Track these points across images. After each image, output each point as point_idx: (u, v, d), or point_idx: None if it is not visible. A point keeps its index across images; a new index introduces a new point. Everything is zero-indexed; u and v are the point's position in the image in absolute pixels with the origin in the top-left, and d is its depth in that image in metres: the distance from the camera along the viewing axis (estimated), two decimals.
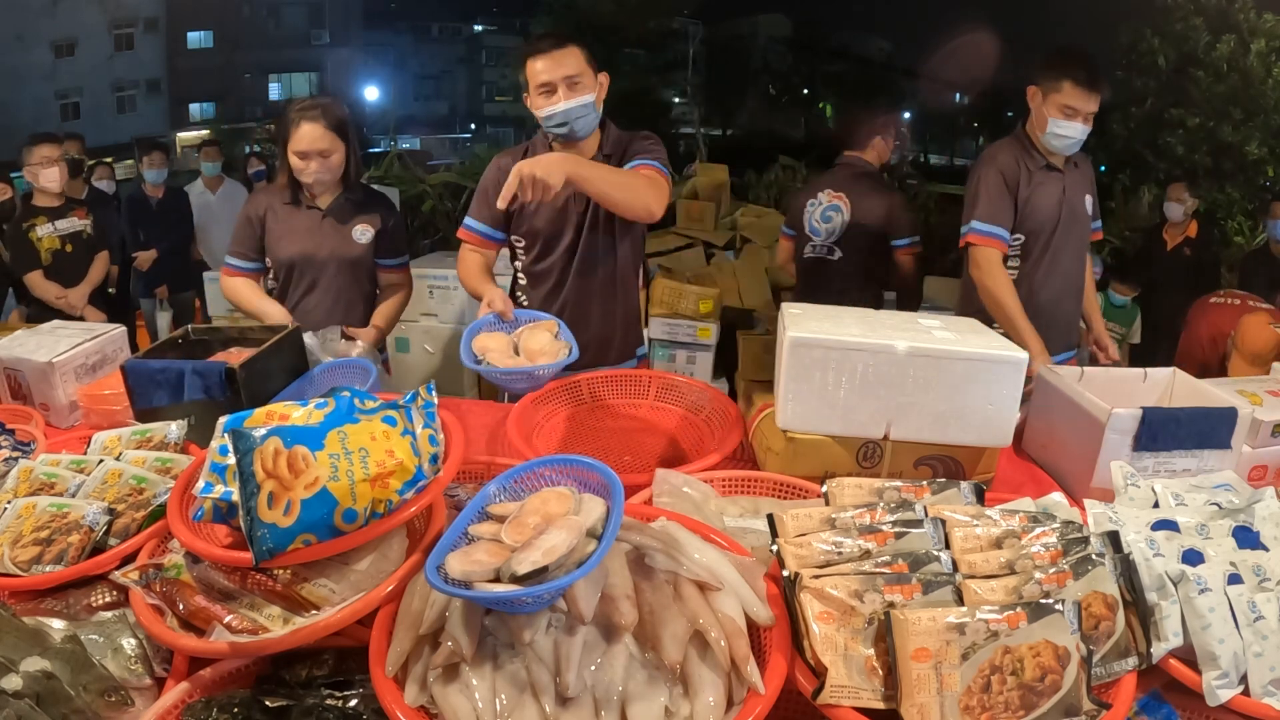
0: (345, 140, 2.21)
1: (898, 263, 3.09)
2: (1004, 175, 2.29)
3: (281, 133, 2.18)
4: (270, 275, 2.30)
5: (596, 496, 1.05)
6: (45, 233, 3.63)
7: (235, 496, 1.01)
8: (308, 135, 2.14)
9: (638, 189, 1.82)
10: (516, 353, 1.72)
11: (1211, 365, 2.77)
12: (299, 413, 1.14)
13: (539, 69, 1.90)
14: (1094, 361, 2.59)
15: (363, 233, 2.29)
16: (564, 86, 1.89)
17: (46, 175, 3.56)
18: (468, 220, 2.11)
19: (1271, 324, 2.54)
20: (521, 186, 1.56)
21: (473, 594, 0.90)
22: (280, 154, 2.21)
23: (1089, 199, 2.40)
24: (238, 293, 2.24)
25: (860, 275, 3.07)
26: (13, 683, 0.93)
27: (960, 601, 0.96)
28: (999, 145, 2.37)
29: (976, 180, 2.34)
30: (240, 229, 2.26)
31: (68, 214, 3.71)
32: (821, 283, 3.11)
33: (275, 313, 2.16)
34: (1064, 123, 2.22)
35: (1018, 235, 2.33)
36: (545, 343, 1.73)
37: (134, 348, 1.94)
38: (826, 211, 3.02)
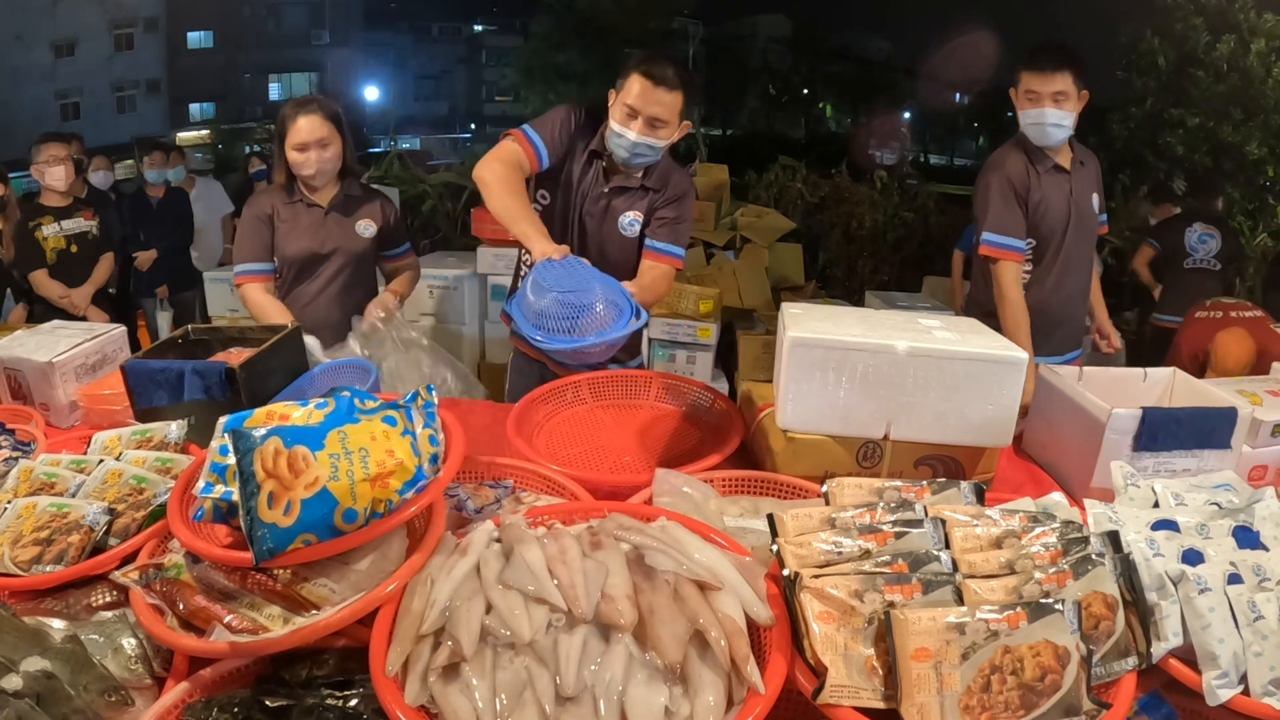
0: (341, 133, 2.23)
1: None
2: (1011, 181, 2.26)
3: (279, 131, 2.20)
4: (277, 273, 2.30)
5: None
6: (51, 232, 3.64)
7: (235, 496, 1.01)
8: (305, 127, 2.16)
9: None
10: None
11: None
12: (299, 413, 1.14)
13: (635, 91, 1.86)
14: (1095, 350, 2.58)
15: (365, 227, 2.32)
16: (644, 122, 1.87)
17: (52, 173, 3.58)
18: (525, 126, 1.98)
19: (1245, 340, 2.49)
20: None
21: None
22: (278, 153, 2.23)
23: (1095, 197, 2.38)
24: (265, 311, 2.18)
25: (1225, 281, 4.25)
26: (13, 683, 0.93)
27: (960, 601, 0.96)
28: (1004, 150, 2.35)
29: (985, 188, 2.30)
30: (249, 232, 2.25)
31: (74, 214, 3.72)
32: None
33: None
34: (1030, 110, 2.23)
35: (1030, 240, 2.30)
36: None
37: (135, 347, 1.94)
38: (1202, 236, 4.18)
